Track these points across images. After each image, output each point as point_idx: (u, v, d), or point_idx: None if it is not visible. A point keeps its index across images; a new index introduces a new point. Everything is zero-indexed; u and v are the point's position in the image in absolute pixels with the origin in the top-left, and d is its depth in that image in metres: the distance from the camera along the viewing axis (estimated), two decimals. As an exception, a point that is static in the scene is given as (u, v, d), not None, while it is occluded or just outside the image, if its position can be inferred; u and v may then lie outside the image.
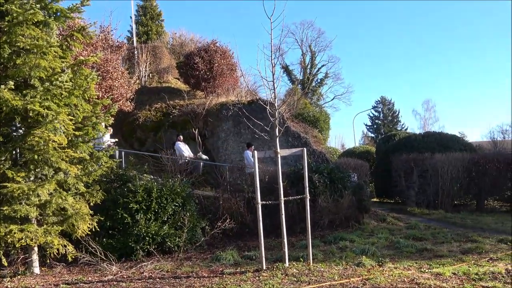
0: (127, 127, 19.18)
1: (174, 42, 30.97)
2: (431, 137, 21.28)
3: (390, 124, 59.05)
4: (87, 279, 8.13)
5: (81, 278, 8.16)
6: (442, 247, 10.08)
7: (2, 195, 8.10)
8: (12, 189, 7.96)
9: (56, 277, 8.45)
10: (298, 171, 12.64)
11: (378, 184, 22.97)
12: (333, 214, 12.60)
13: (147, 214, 9.95)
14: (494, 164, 18.10)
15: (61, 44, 9.41)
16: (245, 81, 23.01)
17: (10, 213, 7.97)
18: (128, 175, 10.65)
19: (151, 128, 18.86)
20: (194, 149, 17.00)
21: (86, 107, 9.44)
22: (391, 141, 23.28)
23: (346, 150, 32.37)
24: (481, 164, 18.15)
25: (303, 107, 24.66)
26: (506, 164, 18.13)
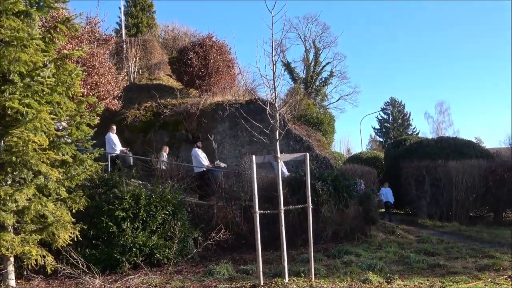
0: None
1: (166, 36, 30.98)
2: (445, 143, 21.29)
3: (400, 128, 59.08)
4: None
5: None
6: (456, 263, 10.06)
7: (-24, 201, 8.08)
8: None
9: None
10: (300, 178, 12.62)
11: (387, 193, 22.99)
12: (337, 225, 12.58)
13: (135, 222, 9.93)
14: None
15: (44, 36, 9.38)
16: (243, 79, 23.08)
17: (-16, 220, 7.94)
18: (114, 180, 10.63)
19: (140, 129, 18.84)
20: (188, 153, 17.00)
21: (70, 105, 9.42)
22: (401, 146, 23.27)
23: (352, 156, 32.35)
24: (499, 173, 18.14)
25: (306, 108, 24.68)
26: (526, 173, 18.13)
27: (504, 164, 19.23)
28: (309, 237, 8.68)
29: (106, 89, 17.07)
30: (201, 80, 20.50)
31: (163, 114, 19.13)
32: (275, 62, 8.51)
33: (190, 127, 18.55)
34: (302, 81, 49.42)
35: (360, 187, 16.56)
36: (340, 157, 28.23)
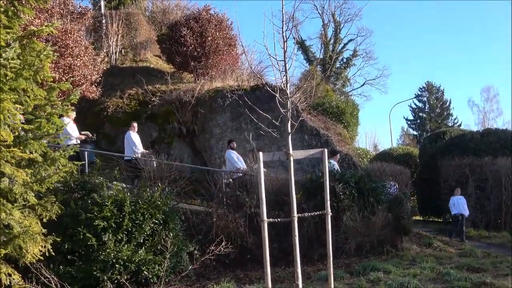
0: (92, 119, 19.18)
1: (154, 9, 31.01)
2: (493, 136, 21.20)
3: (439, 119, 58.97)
4: (38, 318, 8.16)
5: (30, 317, 8.19)
6: (506, 281, 10.05)
7: None
8: None
9: (-3, 315, 8.48)
10: (317, 179, 12.66)
11: (422, 197, 22.99)
12: (362, 236, 12.59)
13: (118, 234, 9.94)
14: None
15: (6, 9, 9.40)
16: (247, 60, 23.08)
17: None
18: (93, 183, 10.66)
19: (124, 121, 18.83)
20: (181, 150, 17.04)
21: (39, 93, 9.45)
22: (440, 141, 23.23)
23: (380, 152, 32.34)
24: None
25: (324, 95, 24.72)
26: None
27: None
28: (328, 251, 8.69)
29: (82, 73, 17.08)
30: (196, 61, 20.50)
31: (151, 103, 19.16)
32: (286, 39, 8.49)
33: (184, 118, 18.59)
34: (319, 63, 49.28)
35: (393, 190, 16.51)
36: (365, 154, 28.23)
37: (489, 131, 23.08)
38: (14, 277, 8.69)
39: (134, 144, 15.15)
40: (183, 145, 18.46)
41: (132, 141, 15.18)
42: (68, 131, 14.50)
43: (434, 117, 59.66)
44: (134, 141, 15.19)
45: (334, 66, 50.08)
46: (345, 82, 51.65)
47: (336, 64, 50.89)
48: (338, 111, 22.68)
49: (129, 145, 15.23)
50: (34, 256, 8.87)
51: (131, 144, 15.18)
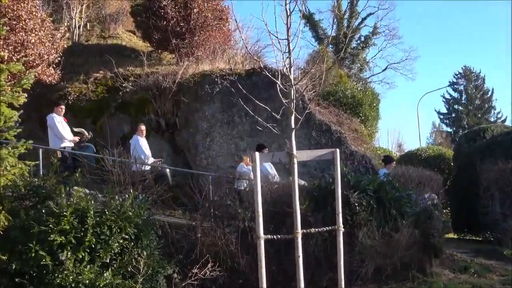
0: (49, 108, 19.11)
1: (128, -27, 31.05)
2: (546, 134, 21.29)
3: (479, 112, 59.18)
4: None
5: None
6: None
7: None
8: None
9: None
10: (326, 186, 12.65)
11: (457, 210, 22.95)
12: (382, 258, 12.59)
13: (79, 252, 9.86)
14: None
15: None
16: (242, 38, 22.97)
17: None
18: (48, 188, 10.63)
19: (88, 112, 18.88)
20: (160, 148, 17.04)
21: (-17, 75, 9.47)
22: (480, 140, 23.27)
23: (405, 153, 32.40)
24: None
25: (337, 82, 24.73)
26: None
27: None
28: (340, 275, 8.69)
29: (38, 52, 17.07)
30: (179, 39, 20.52)
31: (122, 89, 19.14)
32: (290, 12, 8.47)
33: (163, 109, 18.61)
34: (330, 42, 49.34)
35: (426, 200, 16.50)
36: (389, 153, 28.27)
37: (541, 128, 23.15)
38: None
39: (143, 151, 15.23)
40: (161, 141, 18.49)
41: (140, 148, 15.24)
42: (60, 132, 14.77)
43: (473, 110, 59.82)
44: (142, 148, 15.29)
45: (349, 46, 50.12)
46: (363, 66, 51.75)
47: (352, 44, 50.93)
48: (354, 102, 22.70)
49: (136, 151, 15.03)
50: (-26, 278, 8.88)
51: (139, 151, 15.15)
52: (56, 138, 14.91)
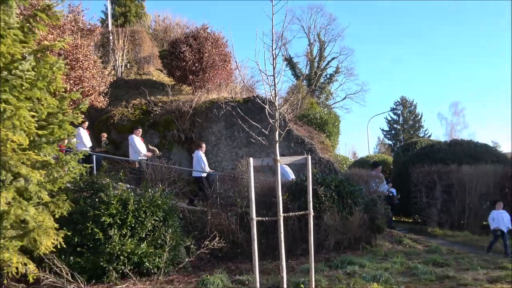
0: (99, 126, 19.21)
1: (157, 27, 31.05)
2: (459, 146, 21.36)
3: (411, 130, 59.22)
4: (50, 304, 8.22)
5: (43, 303, 8.24)
6: (467, 275, 10.17)
7: (-49, 204, 8.19)
8: (-36, 196, 8.05)
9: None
10: (301, 182, 12.75)
11: (395, 200, 23.07)
12: (340, 234, 12.68)
13: (122, 229, 9.99)
14: (532, 180, 18.25)
15: (22, 26, 9.45)
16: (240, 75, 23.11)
17: (-40, 225, 8.07)
18: (100, 183, 10.70)
19: (128, 129, 18.79)
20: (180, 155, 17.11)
21: (52, 101, 9.50)
22: (412, 150, 23.39)
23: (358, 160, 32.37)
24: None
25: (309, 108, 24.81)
26: (546, 180, 18.29)
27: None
28: (310, 246, 8.79)
29: (91, 85, 17.10)
30: (194, 75, 20.53)
31: (153, 112, 19.18)
32: (275, 56, 8.57)
33: (183, 126, 18.64)
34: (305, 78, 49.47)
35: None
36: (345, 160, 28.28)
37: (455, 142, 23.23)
38: (29, 266, 8.76)
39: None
40: (182, 150, 18.53)
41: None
42: (138, 148, 15.10)
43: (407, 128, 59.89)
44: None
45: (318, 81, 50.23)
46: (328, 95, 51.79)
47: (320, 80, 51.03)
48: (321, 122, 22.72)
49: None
50: (47, 248, 8.93)
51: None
52: (134, 152, 15.13)
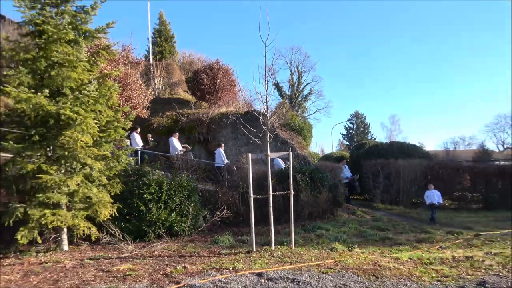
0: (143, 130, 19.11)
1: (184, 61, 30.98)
2: (395, 146, 21.39)
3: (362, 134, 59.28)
4: (107, 255, 8.19)
5: (103, 255, 8.22)
6: (401, 237, 10.21)
7: (38, 185, 8.17)
8: (46, 180, 8.04)
9: (81, 253, 8.51)
10: (285, 171, 12.72)
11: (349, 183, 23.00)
12: (312, 207, 12.69)
13: (158, 203, 10.00)
14: (446, 170, 18.31)
15: (89, 59, 9.47)
16: (242, 95, 23.13)
17: (44, 200, 8.05)
18: (143, 171, 10.69)
19: (163, 132, 18.80)
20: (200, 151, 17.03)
21: (109, 113, 9.51)
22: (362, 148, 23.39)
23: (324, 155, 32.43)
24: (435, 170, 18.34)
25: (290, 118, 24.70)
26: (456, 170, 18.38)
27: (440, 163, 19.48)
28: (291, 216, 8.80)
29: (137, 101, 17.07)
30: (210, 95, 20.52)
31: (180, 121, 19.13)
32: (267, 82, 8.62)
33: (202, 131, 18.56)
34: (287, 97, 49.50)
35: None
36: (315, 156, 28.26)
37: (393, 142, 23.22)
38: (92, 229, 8.75)
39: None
40: (201, 148, 18.42)
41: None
42: (175, 145, 15.36)
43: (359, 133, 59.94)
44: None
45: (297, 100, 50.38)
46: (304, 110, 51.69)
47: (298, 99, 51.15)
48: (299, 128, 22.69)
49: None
50: (105, 216, 8.94)
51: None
52: (173, 149, 15.31)
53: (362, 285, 5.90)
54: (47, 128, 8.67)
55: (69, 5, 9.17)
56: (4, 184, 8.70)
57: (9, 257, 8.14)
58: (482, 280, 6.12)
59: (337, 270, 6.78)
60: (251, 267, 6.95)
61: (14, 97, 8.03)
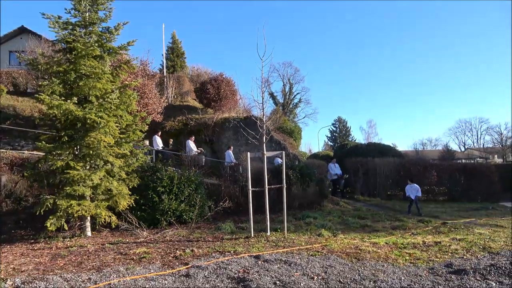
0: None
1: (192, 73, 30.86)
2: (372, 146, 21.33)
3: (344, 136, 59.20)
4: (125, 240, 8.06)
5: (121, 240, 8.09)
6: (378, 224, 10.12)
7: (66, 179, 8.05)
8: (73, 174, 7.92)
9: (103, 238, 8.37)
10: (278, 167, 12.62)
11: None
12: (302, 199, 12.59)
13: (170, 195, 9.88)
14: (416, 167, 18.22)
15: (112, 72, 9.38)
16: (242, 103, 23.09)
17: (71, 192, 7.93)
18: (157, 167, 10.56)
19: (174, 134, 18.68)
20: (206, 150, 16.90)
21: (129, 117, 9.38)
22: (344, 149, 23.27)
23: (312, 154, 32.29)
24: (407, 167, 18.24)
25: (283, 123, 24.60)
26: (425, 167, 18.29)
27: (410, 161, 19.40)
28: (284, 206, 8.70)
29: (153, 108, 16.94)
30: (215, 102, 20.44)
31: (189, 124, 19.02)
32: (263, 92, 8.56)
33: (207, 133, 18.45)
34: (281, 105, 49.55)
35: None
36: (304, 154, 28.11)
37: (370, 144, 23.14)
38: (112, 218, 8.61)
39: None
40: (207, 147, 18.30)
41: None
42: (191, 147, 15.16)
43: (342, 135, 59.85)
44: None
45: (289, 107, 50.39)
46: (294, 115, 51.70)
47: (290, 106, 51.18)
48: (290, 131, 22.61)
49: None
50: (124, 206, 8.80)
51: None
52: (189, 151, 15.09)
53: (345, 267, 5.79)
54: (75, 130, 8.57)
55: (96, 26, 9.13)
56: (37, 178, 8.62)
57: (39, 242, 7.99)
58: (449, 262, 6.02)
59: (324, 253, 6.67)
60: (250, 251, 6.83)
61: (47, 104, 8.00)
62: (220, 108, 20.51)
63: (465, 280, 5.11)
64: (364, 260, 6.19)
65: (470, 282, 5.03)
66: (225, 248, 7.09)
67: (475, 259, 6.23)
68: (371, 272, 5.49)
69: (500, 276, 5.23)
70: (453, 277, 5.26)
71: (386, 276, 5.33)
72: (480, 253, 6.67)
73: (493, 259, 6.20)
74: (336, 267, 5.72)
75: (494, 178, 18.23)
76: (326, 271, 5.53)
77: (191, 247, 7.15)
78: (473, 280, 5.13)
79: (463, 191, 17.75)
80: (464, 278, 5.22)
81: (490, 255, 6.54)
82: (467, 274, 5.36)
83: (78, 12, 8.91)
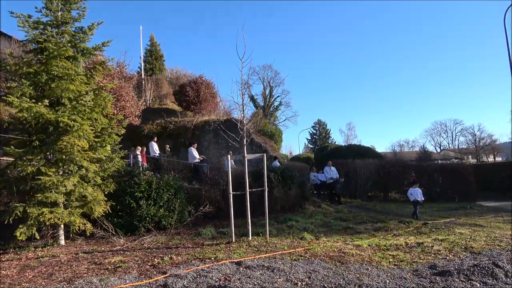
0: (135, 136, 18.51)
1: (171, 76, 30.47)
2: (352, 148, 21.59)
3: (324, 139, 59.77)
4: (101, 249, 7.70)
5: (96, 248, 7.72)
6: (360, 226, 10.08)
7: (37, 185, 7.65)
8: (45, 181, 7.55)
9: (77, 247, 7.97)
10: (259, 170, 12.42)
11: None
12: (284, 202, 12.47)
13: (148, 200, 9.54)
14: (395, 168, 18.45)
15: (86, 73, 9.05)
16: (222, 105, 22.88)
17: (43, 199, 7.55)
18: (134, 172, 10.21)
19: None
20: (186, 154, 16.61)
21: (104, 121, 9.05)
22: (325, 151, 23.49)
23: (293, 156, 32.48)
24: (386, 168, 18.46)
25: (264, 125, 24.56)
26: (403, 168, 18.56)
27: (389, 162, 19.66)
28: (265, 210, 8.54)
29: (130, 111, 16.59)
30: (194, 105, 20.21)
31: (168, 127, 18.72)
32: (243, 94, 8.40)
33: (187, 136, 18.19)
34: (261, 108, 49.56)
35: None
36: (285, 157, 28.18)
37: (350, 146, 23.47)
38: (87, 225, 8.24)
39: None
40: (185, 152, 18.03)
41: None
42: (194, 155, 14.54)
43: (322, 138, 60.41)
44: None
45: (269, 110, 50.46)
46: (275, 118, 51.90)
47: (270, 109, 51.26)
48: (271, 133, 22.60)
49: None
50: (99, 213, 8.44)
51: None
52: (192, 158, 14.51)
53: (329, 271, 5.66)
54: (47, 134, 8.16)
55: (69, 26, 8.78)
56: (6, 185, 8.16)
57: (8, 253, 7.54)
58: (433, 264, 5.98)
59: (307, 257, 6.53)
60: (231, 257, 6.62)
61: (17, 106, 7.60)
62: (200, 111, 20.27)
63: (449, 282, 5.06)
64: (348, 264, 6.08)
65: (455, 284, 4.98)
66: (206, 254, 6.84)
67: (458, 260, 6.22)
68: (356, 276, 5.38)
69: (484, 277, 5.21)
70: (438, 279, 5.21)
71: (371, 279, 5.23)
72: (463, 253, 6.68)
73: (476, 259, 6.21)
74: (320, 272, 5.58)
75: (471, 178, 18.65)
76: (310, 276, 5.39)
77: (169, 255, 6.87)
78: (458, 281, 5.09)
79: (441, 191, 18.06)
80: (449, 279, 5.17)
81: (472, 255, 6.55)
82: (451, 275, 5.32)
83: (49, 11, 8.55)
